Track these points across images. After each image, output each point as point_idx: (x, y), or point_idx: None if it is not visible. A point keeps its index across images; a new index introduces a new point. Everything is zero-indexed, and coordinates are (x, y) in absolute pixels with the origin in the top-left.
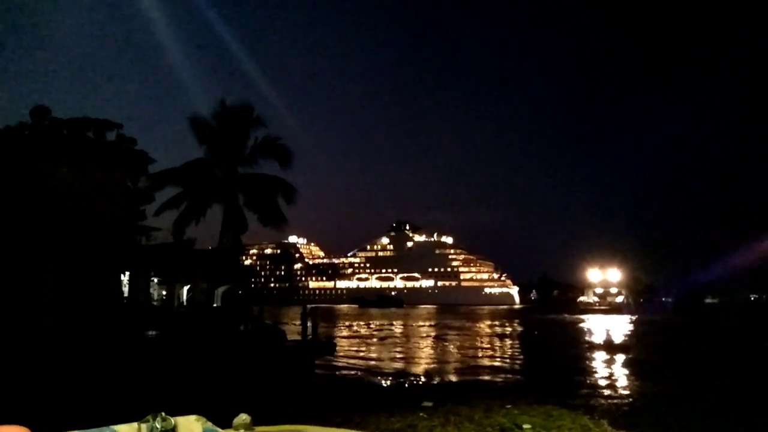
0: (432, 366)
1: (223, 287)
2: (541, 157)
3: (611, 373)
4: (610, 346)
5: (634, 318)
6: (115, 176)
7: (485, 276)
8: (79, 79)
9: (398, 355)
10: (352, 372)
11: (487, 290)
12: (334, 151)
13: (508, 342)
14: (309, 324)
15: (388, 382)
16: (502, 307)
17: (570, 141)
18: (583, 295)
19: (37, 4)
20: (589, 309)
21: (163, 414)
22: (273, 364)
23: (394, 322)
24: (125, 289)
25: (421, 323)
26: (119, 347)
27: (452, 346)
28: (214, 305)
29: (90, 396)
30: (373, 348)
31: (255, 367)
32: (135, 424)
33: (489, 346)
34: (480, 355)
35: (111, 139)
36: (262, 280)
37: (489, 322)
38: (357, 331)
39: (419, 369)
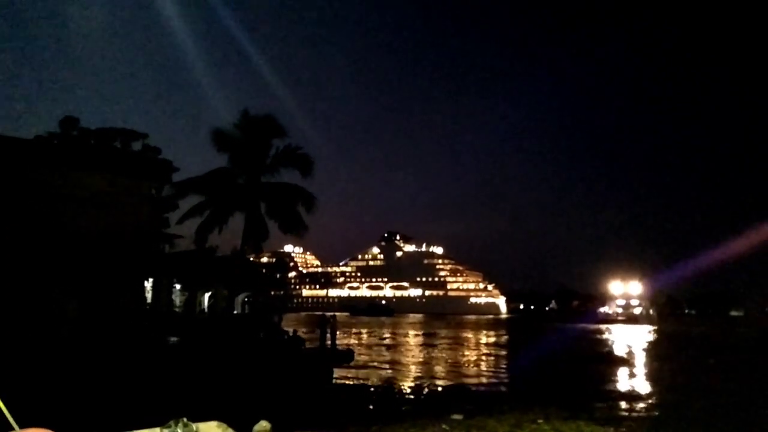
0: (447, 375)
1: (243, 294)
2: (559, 167)
3: (630, 384)
4: (621, 359)
5: (653, 329)
6: (140, 185)
7: (471, 286)
8: (106, 91)
9: (412, 364)
10: (371, 381)
11: (473, 300)
12: (332, 159)
13: (512, 351)
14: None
15: (409, 392)
16: (487, 316)
17: (590, 154)
18: (603, 305)
19: (66, 19)
20: (608, 319)
21: (185, 420)
22: (292, 372)
23: (395, 331)
24: (148, 296)
25: (417, 332)
26: (142, 353)
27: (459, 355)
28: (235, 312)
29: (113, 401)
30: (384, 356)
31: (274, 374)
32: (157, 429)
33: (496, 355)
34: (489, 364)
35: (137, 148)
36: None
37: (487, 332)
38: (360, 339)
39: (437, 378)
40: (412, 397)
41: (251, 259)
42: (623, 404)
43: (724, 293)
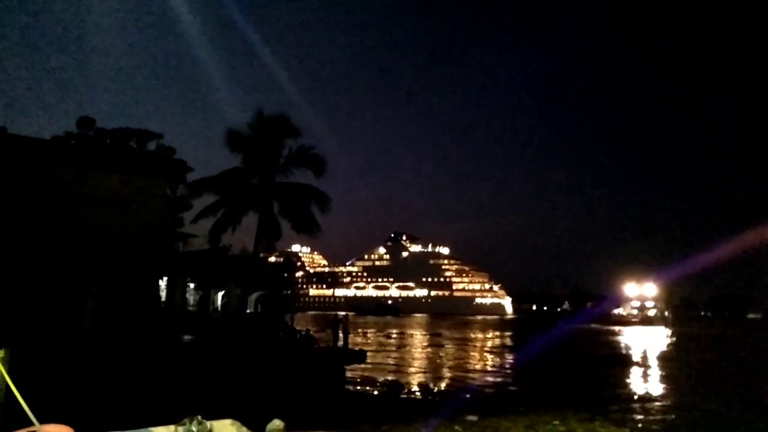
0: (457, 375)
1: (256, 293)
2: (566, 168)
3: (645, 386)
4: (635, 361)
5: (669, 331)
6: (155, 185)
7: (477, 286)
8: (122, 91)
9: (422, 364)
10: (382, 380)
11: (478, 300)
12: (339, 158)
13: (519, 352)
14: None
15: (420, 392)
16: (493, 317)
17: (597, 154)
18: (618, 307)
19: (82, 20)
20: (622, 321)
21: (200, 418)
22: (304, 371)
23: (402, 331)
24: (163, 294)
25: (424, 332)
26: (157, 351)
27: (468, 355)
28: (248, 311)
29: (129, 398)
30: (394, 356)
31: (287, 373)
32: (172, 427)
33: (504, 355)
34: (499, 364)
35: (152, 148)
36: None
37: (494, 333)
38: (368, 339)
39: (447, 378)
40: (421, 396)
41: (262, 257)
42: (638, 406)
43: (741, 295)
